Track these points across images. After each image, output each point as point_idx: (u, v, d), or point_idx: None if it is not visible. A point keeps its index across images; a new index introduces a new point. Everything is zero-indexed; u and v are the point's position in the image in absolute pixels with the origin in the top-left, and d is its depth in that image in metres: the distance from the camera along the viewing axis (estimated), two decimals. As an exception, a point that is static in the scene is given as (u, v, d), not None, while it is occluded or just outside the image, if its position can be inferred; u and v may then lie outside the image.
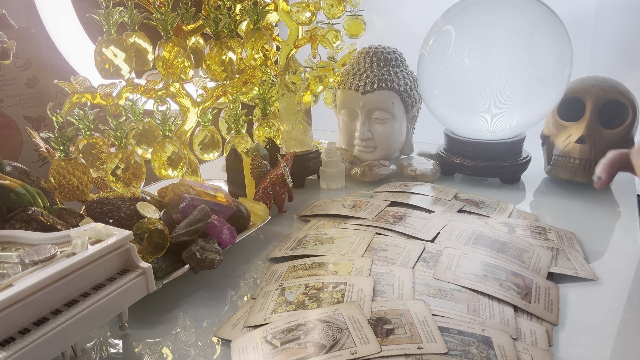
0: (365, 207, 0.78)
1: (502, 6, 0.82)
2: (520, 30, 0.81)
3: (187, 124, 0.88)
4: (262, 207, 0.75)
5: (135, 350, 0.51)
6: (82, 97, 0.79)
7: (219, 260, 0.60)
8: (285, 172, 0.80)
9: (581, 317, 0.52)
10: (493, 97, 0.83)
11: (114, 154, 0.78)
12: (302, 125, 0.92)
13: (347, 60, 1.08)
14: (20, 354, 0.37)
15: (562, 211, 0.80)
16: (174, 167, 0.82)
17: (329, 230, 0.72)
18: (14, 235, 0.48)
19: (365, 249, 0.65)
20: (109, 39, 0.78)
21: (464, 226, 0.70)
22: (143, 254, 0.56)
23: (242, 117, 0.97)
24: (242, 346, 0.48)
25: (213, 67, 0.83)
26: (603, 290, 0.57)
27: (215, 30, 0.83)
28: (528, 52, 0.81)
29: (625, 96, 0.84)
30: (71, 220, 0.60)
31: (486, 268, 0.58)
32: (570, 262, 0.61)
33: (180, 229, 0.60)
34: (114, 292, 0.45)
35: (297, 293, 0.55)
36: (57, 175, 0.71)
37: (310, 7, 0.94)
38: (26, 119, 0.92)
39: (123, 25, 0.82)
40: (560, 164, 0.87)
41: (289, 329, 0.48)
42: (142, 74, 0.97)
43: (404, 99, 0.97)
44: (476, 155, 0.92)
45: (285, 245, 0.69)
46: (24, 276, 0.41)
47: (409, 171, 0.96)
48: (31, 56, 0.91)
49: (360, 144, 0.99)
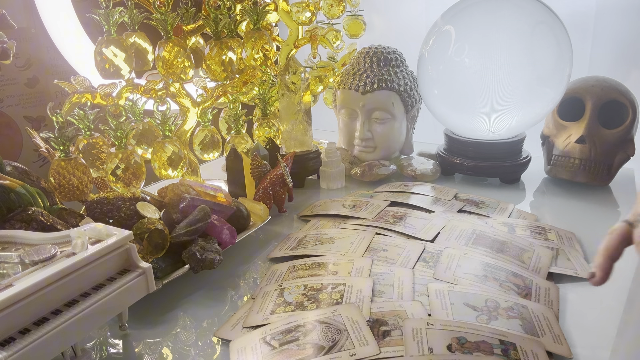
0: (365, 207, 0.78)
1: (502, 6, 0.82)
2: (521, 30, 0.81)
3: (187, 124, 0.88)
4: (262, 207, 0.75)
5: (135, 350, 0.51)
6: (82, 97, 0.79)
7: (219, 260, 0.60)
8: (285, 172, 0.80)
9: (581, 317, 0.52)
10: (493, 97, 0.83)
11: (114, 154, 0.78)
12: (302, 125, 0.92)
13: (347, 60, 1.08)
14: (20, 354, 0.37)
15: (562, 211, 0.80)
16: (174, 167, 0.82)
17: (329, 230, 0.72)
18: (14, 235, 0.48)
19: (365, 249, 0.65)
20: (109, 39, 0.78)
21: (464, 226, 0.70)
22: (143, 254, 0.56)
23: (242, 117, 0.97)
24: (241, 347, 0.48)
25: (213, 67, 0.83)
26: (603, 290, 0.56)
27: (215, 30, 0.83)
28: (528, 52, 0.81)
29: (625, 96, 0.84)
30: (71, 220, 0.60)
31: (486, 268, 0.58)
32: (570, 262, 0.61)
33: (180, 229, 0.60)
34: (114, 292, 0.45)
35: (296, 294, 0.55)
36: (57, 175, 0.71)
37: (310, 7, 0.94)
38: (26, 119, 0.92)
39: (123, 25, 0.82)
40: (560, 164, 0.87)
41: (288, 330, 0.48)
42: (142, 74, 0.97)
43: (404, 99, 0.97)
44: (476, 155, 0.92)
45: (285, 245, 0.69)
46: (24, 276, 0.41)
47: (409, 171, 0.96)
48: (31, 56, 0.91)
49: (360, 144, 0.99)
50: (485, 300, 0.52)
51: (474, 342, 0.45)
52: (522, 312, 0.50)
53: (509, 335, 0.46)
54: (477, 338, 0.46)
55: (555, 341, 0.47)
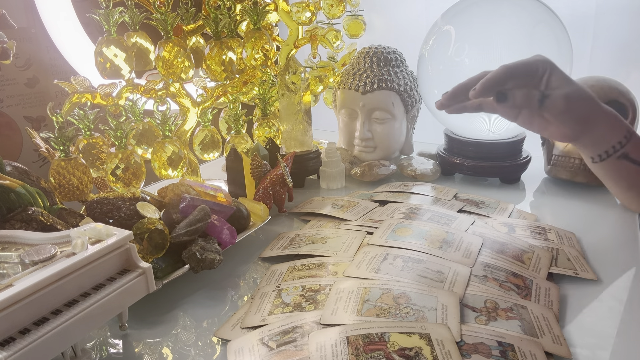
0: (353, 209, 0.78)
1: (502, 6, 0.82)
2: (520, 30, 0.81)
3: (187, 124, 0.88)
4: (262, 207, 0.75)
5: (135, 350, 0.51)
6: (82, 97, 0.79)
7: (219, 260, 0.60)
8: (285, 172, 0.80)
9: (581, 317, 0.52)
10: (493, 97, 0.83)
11: (114, 154, 0.78)
12: (302, 125, 0.92)
13: (347, 60, 1.08)
14: (20, 354, 0.37)
15: (562, 211, 0.80)
16: (174, 167, 0.83)
17: (320, 230, 0.72)
18: (14, 235, 0.48)
19: (357, 248, 0.65)
20: (109, 39, 0.78)
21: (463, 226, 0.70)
22: (143, 254, 0.56)
23: (242, 117, 0.97)
24: (238, 348, 0.48)
25: (213, 67, 0.84)
26: (603, 290, 0.57)
27: (215, 30, 0.83)
28: (528, 52, 0.80)
29: (625, 96, 0.84)
30: (71, 220, 0.60)
31: (486, 269, 0.58)
32: (570, 262, 0.61)
33: (180, 229, 0.60)
34: (114, 292, 0.45)
35: (294, 295, 0.55)
36: (57, 175, 0.71)
37: (310, 7, 0.94)
38: (26, 119, 0.92)
39: (123, 25, 0.82)
40: (560, 164, 0.87)
41: (286, 331, 0.48)
42: (142, 74, 0.97)
43: (404, 99, 0.97)
44: (476, 155, 0.92)
45: (277, 245, 0.69)
46: (24, 276, 0.41)
47: (409, 171, 0.96)
48: (31, 56, 0.91)
49: (360, 144, 0.99)
50: (485, 301, 0.52)
51: (472, 344, 0.45)
52: (522, 313, 0.50)
53: (507, 337, 0.46)
54: (475, 340, 0.46)
55: (555, 342, 0.47)
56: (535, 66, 0.63)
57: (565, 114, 0.61)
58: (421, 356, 0.43)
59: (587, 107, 0.62)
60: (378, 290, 0.53)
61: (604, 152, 0.64)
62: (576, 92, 0.61)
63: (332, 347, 0.44)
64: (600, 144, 0.64)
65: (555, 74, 0.62)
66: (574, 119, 0.62)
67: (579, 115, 0.61)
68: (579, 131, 0.63)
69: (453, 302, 0.51)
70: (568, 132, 0.63)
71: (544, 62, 0.63)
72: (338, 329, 0.47)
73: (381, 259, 0.60)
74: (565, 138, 0.65)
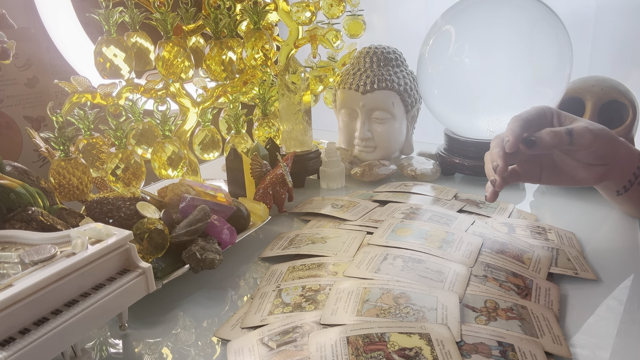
0: (353, 208, 0.78)
1: (502, 6, 0.82)
2: (521, 30, 0.81)
3: (187, 124, 0.88)
4: (262, 207, 0.75)
5: (135, 350, 0.51)
6: (82, 97, 0.79)
7: (219, 260, 0.60)
8: (285, 172, 0.80)
9: (581, 317, 0.52)
10: (493, 97, 0.83)
11: (114, 154, 0.78)
12: (302, 125, 0.92)
13: (347, 60, 1.08)
14: (20, 354, 0.37)
15: (562, 211, 0.80)
16: (174, 167, 0.83)
17: (320, 230, 0.72)
18: (14, 235, 0.48)
19: (357, 248, 0.65)
20: (109, 39, 0.78)
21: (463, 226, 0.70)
22: (143, 254, 0.56)
23: (242, 117, 0.97)
24: (238, 348, 0.48)
25: (213, 67, 0.84)
26: (603, 290, 0.57)
27: (215, 30, 0.83)
28: (528, 52, 0.81)
29: (625, 96, 0.84)
30: (71, 220, 0.60)
31: (486, 269, 0.58)
32: (570, 262, 0.61)
33: (180, 229, 0.60)
34: (114, 292, 0.45)
35: (294, 295, 0.55)
36: (57, 175, 0.71)
37: (310, 7, 0.94)
38: (26, 119, 0.92)
39: (123, 25, 0.82)
40: (560, 164, 0.87)
41: (286, 331, 0.48)
42: (142, 74, 0.97)
43: (404, 99, 0.97)
44: (476, 155, 0.92)
45: (277, 245, 0.69)
46: (24, 276, 0.41)
47: (409, 171, 0.96)
48: (31, 56, 0.91)
49: (360, 143, 0.99)
50: (485, 301, 0.52)
51: (472, 344, 0.45)
52: (522, 313, 0.50)
53: (507, 337, 0.46)
54: (475, 340, 0.46)
55: (555, 342, 0.47)
56: (542, 110, 0.62)
57: (593, 147, 0.59)
58: (421, 356, 0.43)
59: (608, 136, 0.60)
60: (378, 290, 0.53)
61: (628, 182, 0.63)
62: (591, 123, 0.60)
63: (332, 347, 0.44)
64: (625, 173, 0.62)
65: (561, 114, 0.62)
66: (601, 153, 0.60)
67: (606, 146, 0.60)
68: (609, 165, 0.61)
69: (453, 302, 0.51)
70: (600, 170, 0.62)
71: (546, 106, 0.62)
72: (338, 329, 0.47)
73: (381, 259, 0.60)
74: (597, 178, 0.63)
